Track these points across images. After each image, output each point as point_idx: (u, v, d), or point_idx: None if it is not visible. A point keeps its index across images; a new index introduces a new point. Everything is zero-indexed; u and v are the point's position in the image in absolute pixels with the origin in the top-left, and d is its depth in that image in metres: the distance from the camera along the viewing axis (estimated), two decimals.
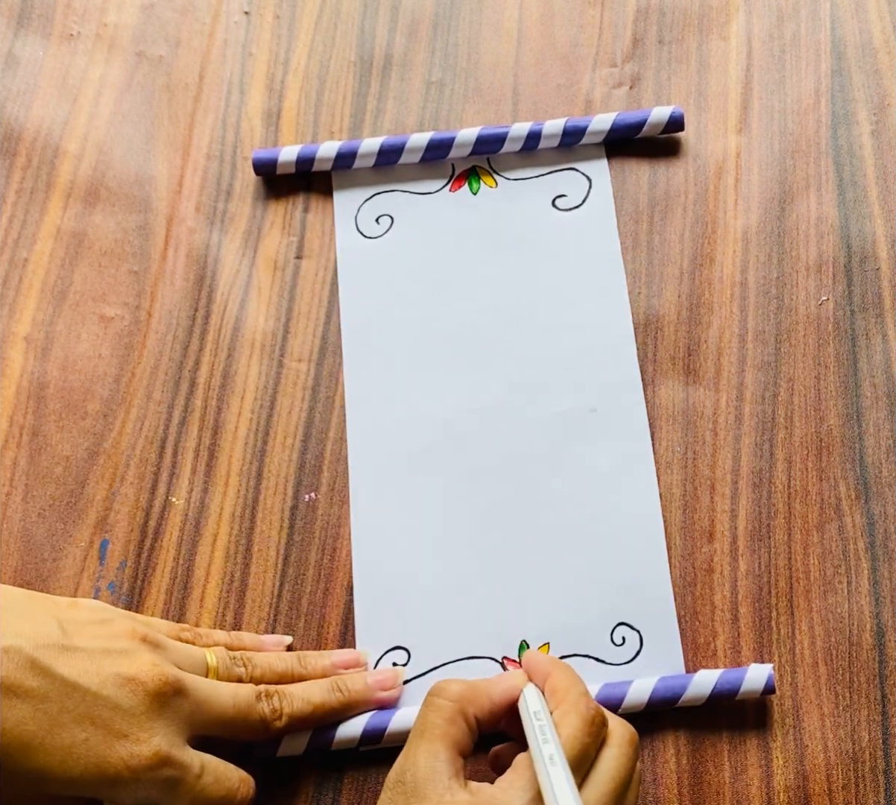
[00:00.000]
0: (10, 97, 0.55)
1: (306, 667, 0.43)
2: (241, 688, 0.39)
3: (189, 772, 0.36)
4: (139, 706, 0.36)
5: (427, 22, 0.57)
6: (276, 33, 0.56)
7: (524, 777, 0.35)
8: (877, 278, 0.50)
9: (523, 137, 0.52)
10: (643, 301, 0.50)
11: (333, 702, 0.41)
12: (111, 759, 0.34)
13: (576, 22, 0.56)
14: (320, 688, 0.42)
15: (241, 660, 0.41)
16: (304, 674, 0.42)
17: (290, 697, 0.41)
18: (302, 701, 0.41)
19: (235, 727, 0.39)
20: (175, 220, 0.52)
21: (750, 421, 0.48)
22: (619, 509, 0.46)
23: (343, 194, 0.53)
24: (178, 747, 0.36)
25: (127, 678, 0.36)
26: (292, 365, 0.50)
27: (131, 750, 0.35)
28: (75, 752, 0.34)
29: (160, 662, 0.37)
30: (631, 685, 0.42)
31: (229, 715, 0.38)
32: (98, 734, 0.35)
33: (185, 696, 0.37)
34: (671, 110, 0.52)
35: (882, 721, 0.43)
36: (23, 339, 0.50)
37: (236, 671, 0.41)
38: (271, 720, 0.40)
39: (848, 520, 0.46)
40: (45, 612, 0.37)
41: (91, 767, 0.34)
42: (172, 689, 0.36)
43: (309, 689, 0.41)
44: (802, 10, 0.56)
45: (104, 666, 0.36)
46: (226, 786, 0.38)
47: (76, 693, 0.35)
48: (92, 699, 0.35)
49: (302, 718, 0.41)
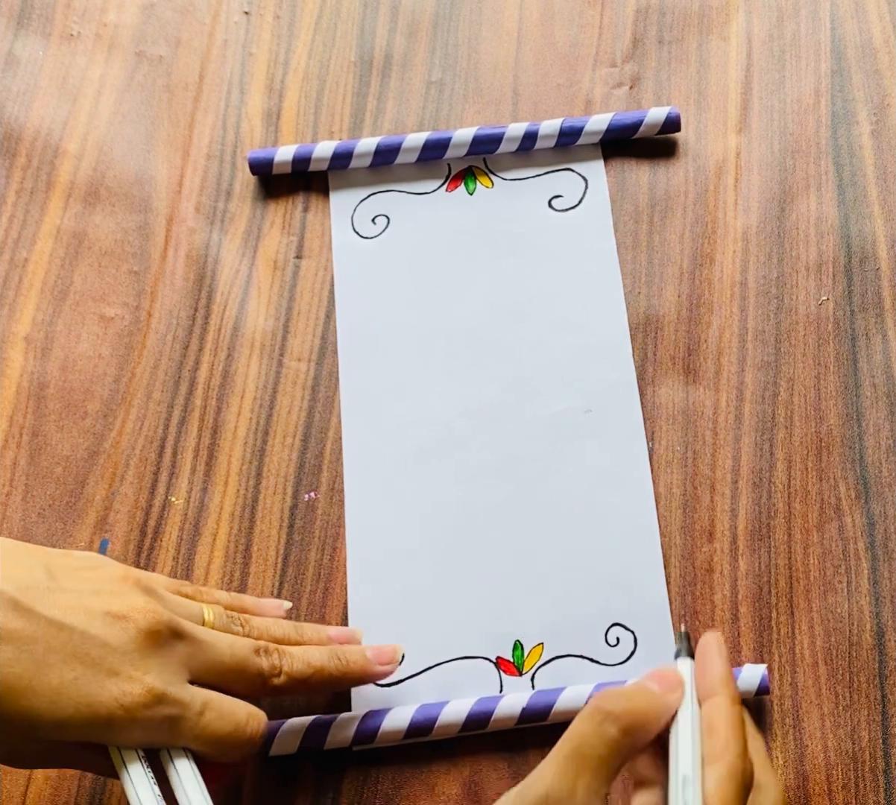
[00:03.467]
0: (10, 97, 0.55)
1: (302, 636, 0.42)
2: (239, 639, 0.38)
3: (189, 709, 0.35)
4: (130, 644, 0.34)
5: (427, 22, 0.57)
6: (275, 33, 0.56)
7: None
8: (877, 278, 0.50)
9: (520, 138, 0.52)
10: (643, 301, 0.50)
11: (332, 668, 0.40)
12: (102, 698, 0.33)
13: (576, 22, 0.56)
14: (320, 653, 0.40)
15: (238, 619, 0.40)
16: (300, 641, 0.41)
17: (290, 657, 0.39)
18: (302, 662, 0.39)
19: (234, 678, 0.37)
20: (175, 220, 0.52)
21: (750, 421, 0.48)
22: (613, 509, 0.46)
23: (339, 194, 0.53)
24: (175, 685, 0.35)
25: (117, 616, 0.35)
26: (292, 364, 0.50)
27: (123, 688, 0.34)
28: (64, 692, 0.33)
29: (151, 603, 0.36)
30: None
31: (227, 663, 0.37)
32: (87, 673, 0.33)
33: (181, 639, 0.36)
34: (668, 111, 0.52)
35: (882, 721, 0.43)
36: (23, 339, 0.50)
37: (233, 629, 0.39)
38: (269, 676, 0.38)
39: (848, 520, 0.46)
40: (34, 559, 0.36)
41: (82, 708, 0.33)
42: (167, 630, 0.35)
43: (309, 652, 0.40)
44: (802, 10, 0.56)
45: (93, 604, 0.35)
46: (232, 721, 0.36)
47: (62, 632, 0.34)
48: (80, 638, 0.34)
49: (301, 680, 0.39)
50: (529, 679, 0.44)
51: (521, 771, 0.42)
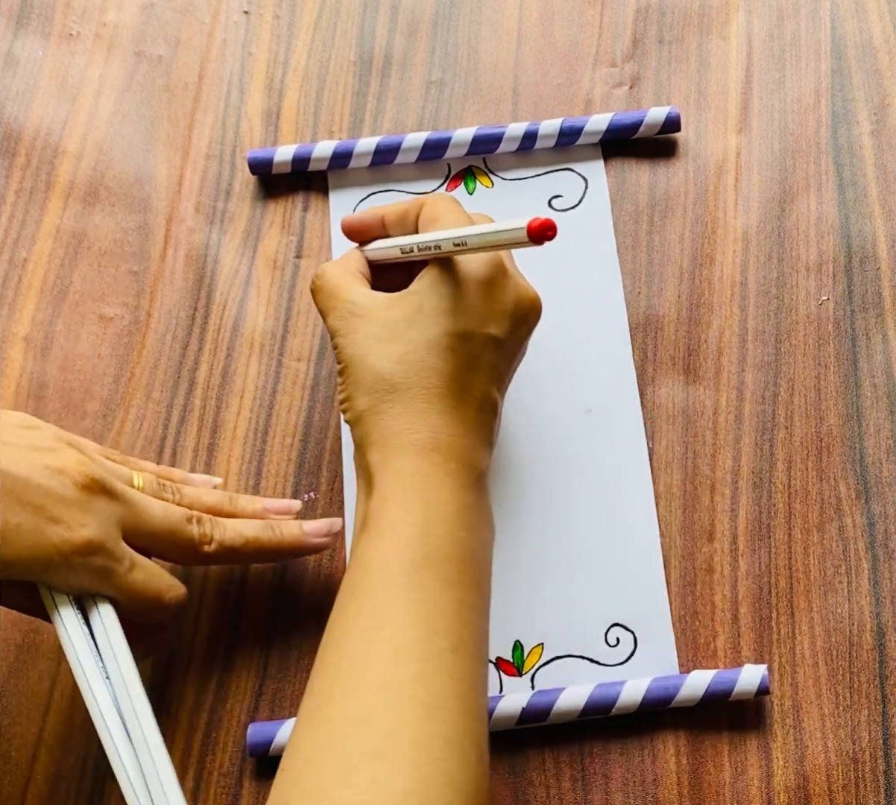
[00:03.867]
0: (9, 97, 0.55)
1: (236, 506, 0.43)
2: (171, 506, 0.40)
3: (120, 564, 0.37)
4: (70, 496, 0.36)
5: (427, 22, 0.57)
6: (275, 33, 0.56)
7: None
8: (877, 278, 0.50)
9: (519, 137, 0.52)
10: (643, 301, 0.50)
11: (265, 539, 0.41)
12: (43, 543, 0.35)
13: (576, 22, 0.56)
14: (253, 524, 0.42)
15: (170, 487, 0.41)
16: (233, 511, 0.42)
17: (222, 526, 0.41)
18: (234, 532, 0.41)
19: (164, 543, 0.39)
20: (175, 219, 0.52)
21: (750, 421, 0.48)
22: (613, 510, 0.46)
23: (339, 194, 0.53)
24: (110, 540, 0.37)
25: (56, 470, 0.36)
26: (291, 364, 0.50)
27: (63, 535, 0.35)
28: (9, 535, 0.35)
29: (86, 461, 0.38)
30: (624, 686, 0.42)
31: (158, 527, 0.39)
32: (31, 520, 0.35)
33: (114, 498, 0.37)
34: (668, 111, 0.52)
35: (882, 721, 0.43)
36: (22, 339, 0.50)
37: (164, 495, 0.41)
38: (200, 543, 0.40)
39: (848, 520, 0.46)
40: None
41: (24, 551, 0.35)
42: (99, 487, 0.37)
43: (242, 523, 0.41)
44: (802, 9, 0.56)
45: (33, 458, 0.36)
46: (154, 586, 0.38)
47: (7, 480, 0.35)
48: (23, 486, 0.35)
49: (233, 548, 0.40)
50: (529, 679, 0.44)
51: (520, 771, 0.42)
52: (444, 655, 0.33)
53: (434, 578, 0.35)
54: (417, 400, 0.38)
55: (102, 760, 0.43)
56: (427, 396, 0.38)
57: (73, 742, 0.43)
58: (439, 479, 0.37)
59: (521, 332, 0.41)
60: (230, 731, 0.43)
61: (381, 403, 0.38)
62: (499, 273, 0.40)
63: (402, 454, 0.38)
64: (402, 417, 0.38)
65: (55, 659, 0.44)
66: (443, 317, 0.39)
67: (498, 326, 0.39)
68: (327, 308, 0.42)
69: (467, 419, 0.39)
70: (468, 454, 0.38)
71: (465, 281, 0.39)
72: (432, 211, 0.41)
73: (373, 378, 0.39)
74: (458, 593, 0.35)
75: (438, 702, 0.32)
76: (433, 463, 0.37)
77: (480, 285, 0.39)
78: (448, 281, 0.39)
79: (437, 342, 0.38)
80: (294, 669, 0.44)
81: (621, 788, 0.42)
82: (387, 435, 0.38)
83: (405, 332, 0.39)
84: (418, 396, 0.38)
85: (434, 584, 0.35)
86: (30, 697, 0.44)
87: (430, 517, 0.36)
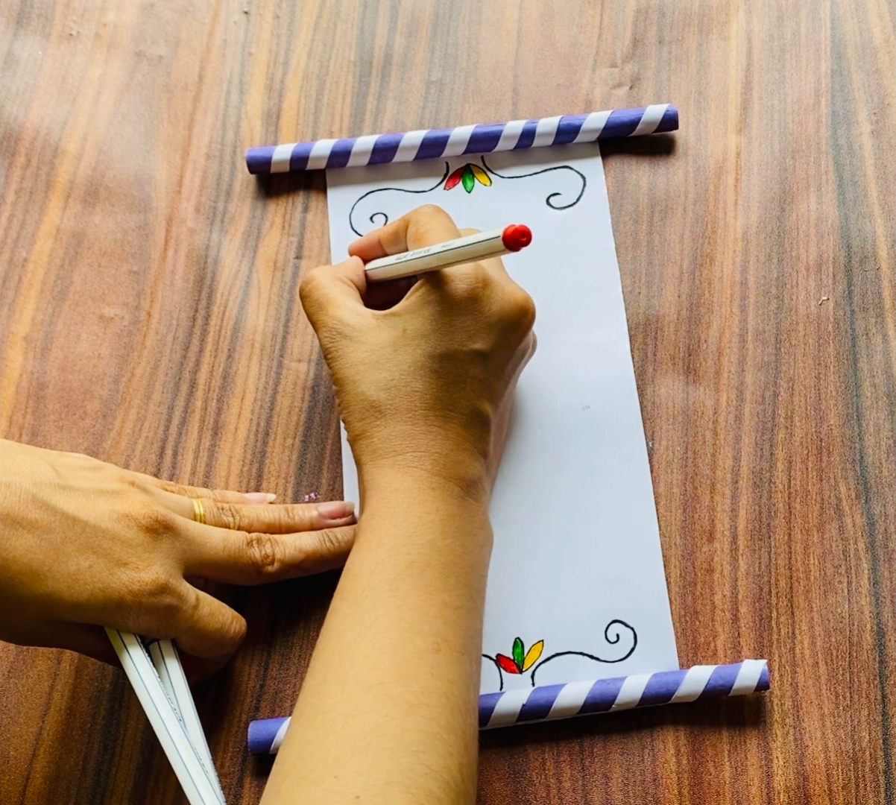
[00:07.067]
0: (9, 97, 0.55)
1: (293, 517, 0.44)
2: (231, 533, 0.41)
3: (186, 601, 0.38)
4: (135, 538, 0.37)
5: (427, 22, 0.57)
6: (275, 33, 0.56)
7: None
8: (877, 278, 0.50)
9: (517, 136, 0.52)
10: (643, 301, 0.50)
11: (324, 550, 0.43)
12: (114, 584, 0.36)
13: (576, 22, 0.56)
14: (311, 537, 0.43)
15: (229, 510, 0.43)
16: (291, 524, 0.44)
17: (283, 545, 0.42)
18: (294, 548, 0.42)
19: (227, 569, 0.41)
20: (175, 220, 0.52)
21: (750, 421, 0.48)
22: (613, 506, 0.46)
23: (337, 192, 0.53)
24: (176, 578, 0.38)
25: (121, 514, 0.38)
26: (292, 365, 0.50)
27: (132, 576, 0.37)
28: (81, 578, 0.36)
29: (150, 502, 0.39)
30: (624, 681, 0.42)
31: (221, 556, 0.40)
32: (101, 562, 0.36)
33: (176, 534, 0.39)
34: (665, 108, 0.52)
35: (882, 721, 0.43)
36: (22, 339, 0.50)
37: (224, 519, 0.42)
38: (263, 565, 0.41)
39: (848, 520, 0.46)
40: (37, 458, 0.38)
41: (97, 592, 0.36)
42: (162, 526, 0.38)
43: (300, 538, 0.43)
44: (802, 10, 0.56)
45: (99, 503, 0.38)
46: (219, 620, 0.40)
47: (76, 525, 0.36)
48: (92, 531, 0.37)
49: (294, 565, 0.42)
50: (530, 676, 0.44)
51: (520, 770, 0.42)
52: (425, 656, 0.35)
53: (416, 584, 0.37)
54: (403, 423, 0.40)
55: (102, 760, 0.43)
56: (412, 418, 0.40)
57: (73, 742, 0.43)
58: (423, 493, 0.39)
59: (513, 338, 0.42)
60: (231, 732, 0.43)
61: (370, 428, 0.41)
62: (479, 287, 0.41)
63: (390, 473, 0.40)
64: (389, 440, 0.40)
65: (55, 659, 0.44)
66: (425, 339, 0.40)
67: (483, 341, 0.41)
68: (316, 321, 0.43)
69: (453, 435, 0.40)
70: (453, 468, 0.40)
71: (447, 300, 0.41)
72: (415, 230, 0.43)
73: (363, 405, 0.41)
74: (441, 597, 0.37)
75: (419, 699, 0.34)
76: (417, 478, 0.39)
77: (462, 303, 0.41)
78: (430, 303, 0.41)
79: (421, 365, 0.40)
80: (294, 669, 0.44)
81: (621, 788, 0.42)
82: (376, 456, 0.40)
83: (391, 358, 0.41)
84: (404, 419, 0.40)
85: (416, 590, 0.37)
86: (29, 697, 0.44)
87: (413, 528, 0.38)
